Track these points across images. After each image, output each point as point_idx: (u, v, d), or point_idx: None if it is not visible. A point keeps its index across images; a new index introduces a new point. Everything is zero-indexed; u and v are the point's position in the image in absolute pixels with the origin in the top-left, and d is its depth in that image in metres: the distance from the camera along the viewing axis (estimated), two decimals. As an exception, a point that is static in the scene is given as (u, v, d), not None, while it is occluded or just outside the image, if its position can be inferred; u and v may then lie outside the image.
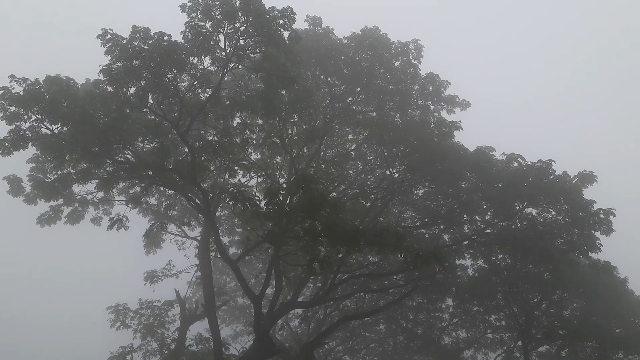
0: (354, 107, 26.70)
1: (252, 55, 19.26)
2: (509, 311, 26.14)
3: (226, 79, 19.67)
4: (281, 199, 18.79)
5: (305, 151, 24.24)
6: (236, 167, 22.07)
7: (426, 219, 25.42)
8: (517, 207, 22.81)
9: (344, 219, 17.58)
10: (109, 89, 18.28)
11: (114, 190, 23.03)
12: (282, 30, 18.46)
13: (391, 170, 23.52)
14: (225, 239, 28.77)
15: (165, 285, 27.06)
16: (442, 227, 25.58)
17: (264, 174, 23.96)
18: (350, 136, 27.06)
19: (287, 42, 18.82)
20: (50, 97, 17.53)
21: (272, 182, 23.38)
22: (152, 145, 21.23)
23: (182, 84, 19.93)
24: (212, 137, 22.09)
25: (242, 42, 18.64)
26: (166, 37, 17.81)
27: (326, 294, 22.72)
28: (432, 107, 26.16)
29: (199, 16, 17.88)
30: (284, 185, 23.51)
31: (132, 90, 18.23)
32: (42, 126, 18.04)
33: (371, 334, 31.23)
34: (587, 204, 21.61)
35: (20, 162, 21.47)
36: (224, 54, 18.64)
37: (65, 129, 18.32)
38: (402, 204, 26.04)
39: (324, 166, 23.74)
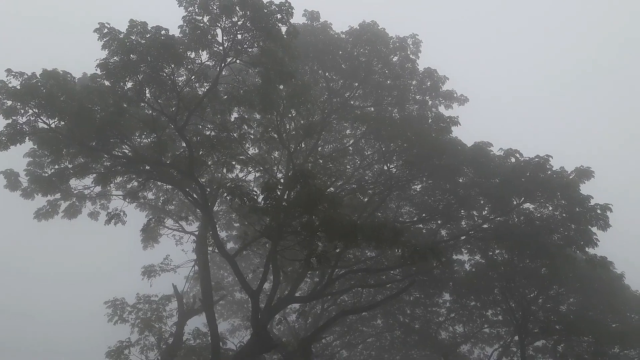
0: (352, 102, 26.67)
1: (250, 49, 19.19)
2: (505, 306, 26.25)
3: (224, 73, 19.61)
4: (279, 194, 18.81)
5: (303, 146, 24.21)
6: (234, 162, 22.04)
7: (424, 214, 25.47)
8: (515, 203, 22.87)
9: (341, 214, 17.62)
10: (106, 83, 18.19)
11: (112, 184, 22.95)
12: (279, 24, 18.39)
13: (389, 165, 23.53)
14: (222, 234, 28.74)
15: (162, 280, 27.06)
16: (439, 222, 25.63)
17: (261, 168, 23.95)
18: (348, 131, 27.04)
19: (285, 36, 18.76)
20: (47, 91, 17.45)
21: (270, 177, 23.37)
22: (149, 140, 21.18)
23: (180, 79, 19.84)
24: (209, 132, 22.05)
25: (239, 36, 18.57)
26: (163, 32, 17.71)
27: (324, 289, 22.77)
28: (430, 102, 26.13)
29: (197, 10, 17.79)
30: (282, 180, 23.50)
31: (129, 84, 18.17)
32: (39, 120, 17.98)
33: (368, 329, 31.31)
34: (584, 199, 21.68)
35: (17, 157, 21.41)
36: (221, 48, 18.56)
37: (62, 123, 18.24)
38: (399, 199, 26.06)
39: (321, 161, 23.72)
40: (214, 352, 20.16)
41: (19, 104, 17.50)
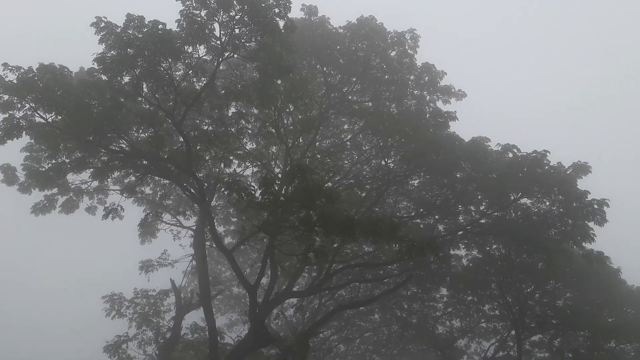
0: (350, 97, 26.62)
1: (248, 44, 19.11)
2: (502, 301, 26.34)
3: (221, 68, 19.57)
4: (276, 188, 18.79)
5: (300, 141, 24.19)
6: (231, 157, 22.04)
7: (421, 209, 25.51)
8: (512, 198, 22.91)
9: (339, 209, 17.60)
10: (104, 77, 18.15)
11: (109, 179, 22.93)
12: (277, 19, 18.32)
13: (386, 160, 23.54)
14: (220, 229, 28.79)
15: (160, 274, 27.07)
16: (437, 217, 25.69)
17: (259, 163, 23.93)
18: (345, 126, 27.02)
19: (283, 31, 18.70)
20: (44, 85, 17.40)
21: (268, 172, 23.34)
22: (147, 134, 21.13)
23: (177, 73, 19.80)
24: (207, 127, 22.01)
25: (237, 31, 18.51)
26: (161, 26, 17.65)
27: (321, 284, 22.80)
28: (428, 97, 26.08)
29: (194, 4, 17.72)
30: (280, 175, 23.49)
31: (126, 79, 18.12)
32: (36, 115, 17.93)
33: (366, 323, 31.39)
34: (581, 194, 21.71)
35: (14, 151, 21.37)
36: (219, 42, 18.51)
37: (59, 117, 18.21)
38: (397, 194, 26.09)
39: (319, 156, 23.70)
40: (212, 347, 20.20)
41: (16, 98, 17.46)
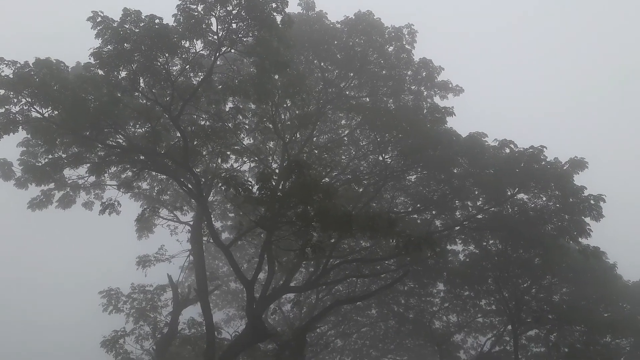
0: (347, 93, 26.60)
1: (245, 39, 19.07)
2: (499, 296, 26.43)
3: (218, 63, 19.50)
4: (274, 184, 18.78)
5: (298, 136, 24.15)
6: (229, 152, 21.98)
7: (418, 205, 25.54)
8: (509, 193, 22.96)
9: (336, 205, 17.61)
10: (100, 72, 18.08)
11: (106, 174, 22.87)
12: (274, 13, 18.25)
13: (384, 155, 23.55)
14: (217, 224, 28.72)
15: (157, 270, 27.06)
16: (434, 212, 25.71)
17: (256, 159, 23.90)
18: (343, 121, 26.99)
19: (280, 26, 18.63)
20: (40, 80, 17.31)
21: (265, 167, 23.35)
22: (143, 129, 21.07)
23: (174, 68, 19.75)
24: (204, 122, 21.97)
25: (234, 25, 18.45)
26: (157, 20, 17.57)
27: (318, 279, 22.85)
28: (425, 92, 26.08)
29: (191, -1, 17.67)
30: (277, 170, 23.48)
31: (123, 74, 18.03)
32: (33, 110, 17.85)
33: (363, 318, 31.47)
34: (577, 190, 21.78)
35: (10, 146, 21.29)
36: (216, 37, 18.45)
37: (55, 112, 18.13)
38: (394, 189, 26.11)
39: (316, 151, 23.69)
40: (209, 342, 20.23)
41: (12, 93, 17.38)
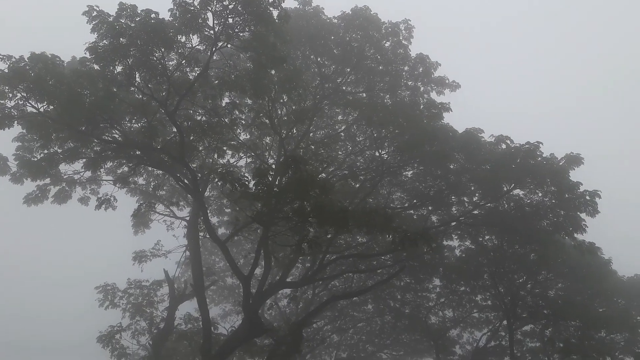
0: (344, 88, 26.56)
1: (241, 34, 18.98)
2: (494, 291, 26.55)
3: (215, 58, 19.44)
4: (270, 179, 18.79)
5: (294, 132, 24.13)
6: (225, 148, 21.94)
7: (415, 200, 25.57)
8: (505, 189, 23.01)
9: (333, 200, 17.64)
10: (96, 67, 17.99)
11: (102, 169, 22.77)
12: (271, 8, 18.17)
13: (380, 151, 23.54)
14: (214, 220, 28.71)
15: (153, 265, 27.04)
16: (430, 208, 25.77)
17: (253, 154, 23.87)
18: (340, 117, 26.97)
19: (277, 20, 18.56)
20: (35, 74, 17.20)
21: (261, 163, 23.31)
22: (139, 124, 20.99)
23: (170, 63, 19.64)
24: (200, 117, 21.90)
25: (230, 20, 18.36)
26: (153, 15, 17.47)
27: (315, 274, 22.88)
28: (422, 88, 26.06)
29: (187, -7, 17.57)
30: (273, 165, 23.46)
31: (119, 68, 17.95)
32: (28, 104, 17.74)
33: (359, 314, 31.58)
34: (573, 185, 21.85)
35: (5, 141, 21.22)
36: (212, 32, 18.36)
37: (51, 107, 18.04)
38: (391, 185, 26.13)
39: (313, 147, 23.68)
40: (205, 337, 20.24)
41: (7, 88, 17.24)
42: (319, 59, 25.30)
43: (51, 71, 17.61)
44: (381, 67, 25.50)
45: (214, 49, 18.66)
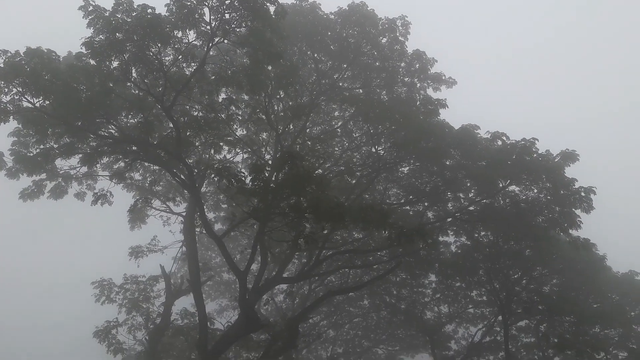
0: (341, 84, 26.58)
1: (238, 29, 18.98)
2: (490, 287, 26.64)
3: (211, 53, 19.41)
4: (267, 175, 18.79)
5: (291, 128, 24.15)
6: (221, 143, 21.93)
7: (411, 196, 25.63)
8: (500, 185, 23.11)
9: (329, 196, 17.64)
10: (92, 62, 17.95)
11: (98, 165, 22.75)
12: (268, 4, 18.18)
13: (377, 147, 23.58)
14: (210, 215, 28.75)
15: (150, 260, 27.04)
16: (426, 204, 25.83)
17: (249, 150, 23.89)
18: (336, 113, 27.00)
19: (273, 16, 18.56)
20: (31, 69, 17.15)
21: (258, 159, 23.34)
22: (136, 120, 20.93)
23: (167, 58, 19.65)
24: (197, 113, 21.88)
25: (227, 15, 18.34)
26: (150, 10, 17.44)
27: (311, 270, 22.93)
28: (419, 84, 26.12)
29: (184, -12, 17.54)
30: (270, 161, 23.47)
31: (115, 64, 17.94)
32: (24, 99, 17.69)
33: (355, 309, 31.65)
34: (568, 182, 21.96)
35: (1, 136, 21.14)
36: (209, 28, 18.36)
37: (47, 102, 18.00)
38: (387, 181, 26.17)
39: (309, 143, 23.69)
40: (202, 332, 20.28)
41: (3, 83, 17.19)
42: (316, 55, 25.31)
43: (47, 66, 17.56)
44: (378, 63, 25.52)
45: (210, 45, 18.65)
